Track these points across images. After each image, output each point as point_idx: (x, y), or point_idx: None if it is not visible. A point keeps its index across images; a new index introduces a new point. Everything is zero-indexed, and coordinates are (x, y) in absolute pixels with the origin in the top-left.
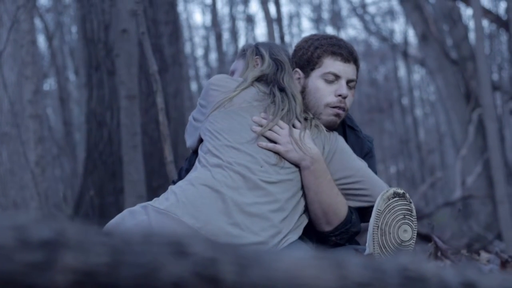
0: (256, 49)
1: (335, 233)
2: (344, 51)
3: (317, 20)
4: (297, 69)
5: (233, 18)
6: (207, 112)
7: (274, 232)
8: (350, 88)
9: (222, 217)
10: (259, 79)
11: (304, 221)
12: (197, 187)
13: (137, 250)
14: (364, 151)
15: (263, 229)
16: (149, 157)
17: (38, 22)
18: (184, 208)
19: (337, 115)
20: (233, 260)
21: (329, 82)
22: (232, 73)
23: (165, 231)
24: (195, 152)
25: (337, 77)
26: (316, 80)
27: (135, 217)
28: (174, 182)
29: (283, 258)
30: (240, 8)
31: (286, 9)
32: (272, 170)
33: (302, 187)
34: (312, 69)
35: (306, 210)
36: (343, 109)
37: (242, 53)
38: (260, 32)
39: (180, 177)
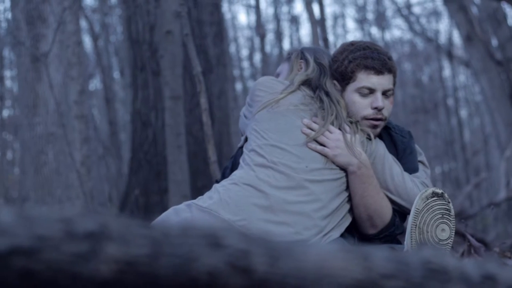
0: (301, 53)
1: (379, 236)
2: (377, 64)
3: (361, 21)
4: (335, 82)
5: (277, 19)
6: (253, 112)
7: (317, 231)
8: (387, 96)
9: (264, 216)
10: (304, 83)
11: (347, 220)
12: (241, 186)
13: (175, 242)
14: (400, 149)
15: (305, 227)
16: (194, 157)
17: (83, 23)
18: (226, 207)
19: (375, 126)
20: (264, 252)
21: (364, 95)
22: (277, 76)
23: (202, 225)
24: (240, 149)
25: (371, 90)
26: (351, 94)
27: (179, 215)
28: (217, 182)
29: (312, 250)
30: (285, 9)
31: (330, 9)
32: (316, 171)
33: (348, 190)
34: (347, 83)
35: (350, 211)
36: (381, 119)
37: (287, 56)
38: (305, 33)
39: (224, 176)
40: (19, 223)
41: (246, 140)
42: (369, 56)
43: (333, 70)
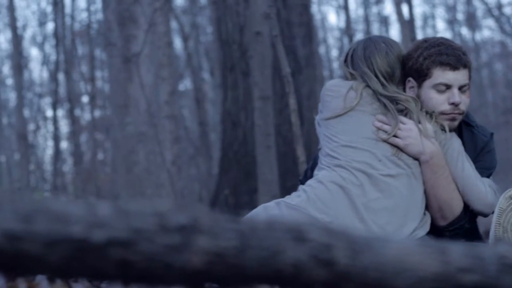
0: (351, 61)
1: (449, 228)
2: (452, 60)
3: (451, 21)
4: (410, 78)
5: (367, 20)
6: (323, 117)
7: (399, 225)
8: (464, 91)
9: (349, 213)
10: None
11: (428, 216)
12: (326, 185)
13: (262, 235)
14: (479, 146)
15: (388, 222)
16: (283, 157)
17: (174, 24)
18: (314, 204)
19: (453, 119)
20: (346, 246)
21: (441, 91)
22: None
23: (287, 219)
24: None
25: (448, 86)
26: (428, 91)
27: (267, 212)
28: (300, 181)
29: (392, 245)
30: (375, 9)
31: (420, 10)
32: (390, 164)
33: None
34: (423, 80)
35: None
36: (459, 113)
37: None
38: (394, 33)
39: (306, 176)
40: (116, 216)
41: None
42: (443, 52)
43: (408, 68)
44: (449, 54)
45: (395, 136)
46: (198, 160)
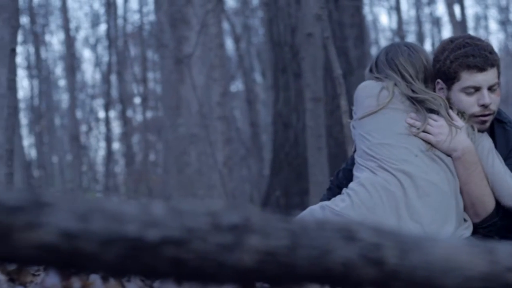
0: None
1: (482, 225)
2: (479, 61)
3: (504, 22)
4: (439, 80)
5: (419, 21)
6: (357, 117)
7: (442, 222)
8: (493, 91)
9: (393, 215)
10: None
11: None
12: (367, 188)
13: (312, 235)
14: (511, 144)
15: (432, 221)
16: (334, 158)
17: (226, 25)
18: (358, 210)
19: (484, 122)
20: (395, 245)
21: (470, 93)
22: None
23: (337, 219)
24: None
25: (477, 88)
26: (457, 93)
27: (313, 215)
28: (331, 181)
29: (440, 244)
30: (427, 10)
31: (472, 11)
32: (427, 159)
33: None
34: (452, 83)
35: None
36: (489, 114)
37: None
38: (446, 34)
39: (337, 177)
40: (170, 216)
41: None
42: (470, 54)
43: (436, 70)
44: (475, 55)
45: (426, 132)
46: (250, 161)
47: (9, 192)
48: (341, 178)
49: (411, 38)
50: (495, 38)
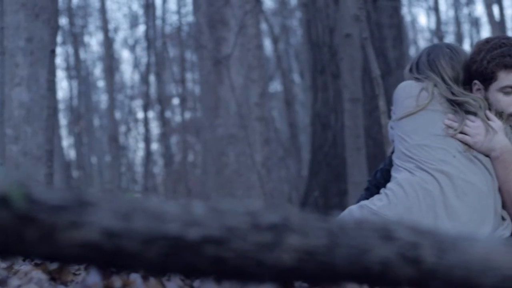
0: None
1: None
2: None
3: None
4: (476, 81)
5: (457, 21)
6: (396, 118)
7: (480, 222)
8: None
9: (430, 214)
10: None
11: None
12: (404, 187)
13: (351, 234)
14: None
15: (470, 220)
16: (373, 159)
17: (264, 26)
18: (395, 209)
19: None
20: (433, 244)
21: (508, 93)
22: None
23: (375, 219)
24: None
25: None
26: (495, 94)
27: (352, 215)
28: (369, 181)
29: (478, 244)
30: (465, 10)
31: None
32: (465, 160)
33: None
34: (489, 84)
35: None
36: None
37: None
38: (485, 35)
39: (375, 177)
40: (211, 215)
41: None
42: (506, 54)
43: (473, 71)
44: None
45: (464, 133)
46: (288, 161)
47: (52, 191)
48: (379, 178)
49: (449, 38)
50: None
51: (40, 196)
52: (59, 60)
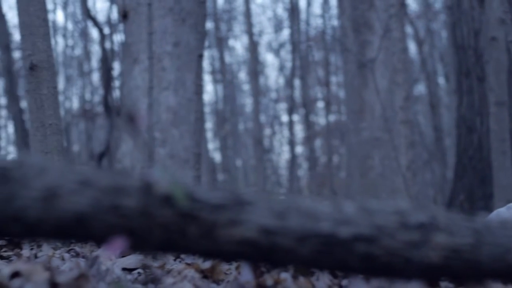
0: None
1: None
2: None
3: None
4: None
5: None
6: None
7: None
8: None
9: None
10: None
11: None
12: None
13: (496, 233)
14: None
15: None
16: None
17: (408, 29)
18: None
19: None
20: None
21: None
22: None
23: None
24: None
25: None
26: None
27: (500, 216)
28: None
29: None
30: None
31: None
32: None
33: None
34: None
35: None
36: None
37: None
38: None
39: None
40: (361, 214)
41: None
42: None
43: None
44: None
45: None
46: (433, 165)
47: (213, 191)
48: None
49: None
50: None
51: (201, 196)
52: (205, 64)
